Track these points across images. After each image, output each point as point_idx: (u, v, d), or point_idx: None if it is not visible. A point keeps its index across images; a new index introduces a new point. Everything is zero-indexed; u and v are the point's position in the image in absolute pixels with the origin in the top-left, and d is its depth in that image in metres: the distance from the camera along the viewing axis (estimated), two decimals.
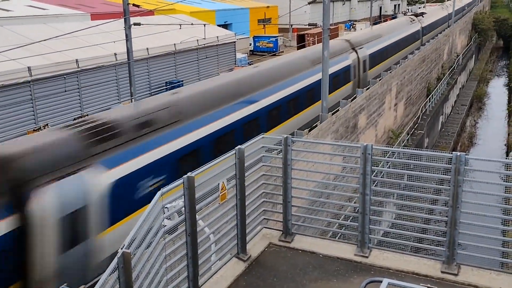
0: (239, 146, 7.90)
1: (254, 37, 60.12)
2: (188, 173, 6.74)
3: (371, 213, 8.28)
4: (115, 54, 30.69)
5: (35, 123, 25.54)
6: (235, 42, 45.10)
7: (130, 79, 25.24)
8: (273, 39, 58.89)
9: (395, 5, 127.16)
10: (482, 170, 7.95)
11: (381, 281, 6.28)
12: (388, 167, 9.32)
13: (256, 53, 58.18)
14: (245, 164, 8.01)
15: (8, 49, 19.61)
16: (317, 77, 21.46)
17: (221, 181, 7.59)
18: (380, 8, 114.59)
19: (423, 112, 35.24)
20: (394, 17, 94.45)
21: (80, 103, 28.46)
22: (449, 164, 7.57)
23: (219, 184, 7.55)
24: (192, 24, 35.75)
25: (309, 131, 17.28)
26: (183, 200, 6.80)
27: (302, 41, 58.18)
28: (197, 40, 37.94)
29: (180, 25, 32.33)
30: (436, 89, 39.87)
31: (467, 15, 74.23)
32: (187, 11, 52.53)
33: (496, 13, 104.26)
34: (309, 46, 54.00)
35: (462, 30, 63.32)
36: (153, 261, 6.11)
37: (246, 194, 8.15)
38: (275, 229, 9.28)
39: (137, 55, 30.42)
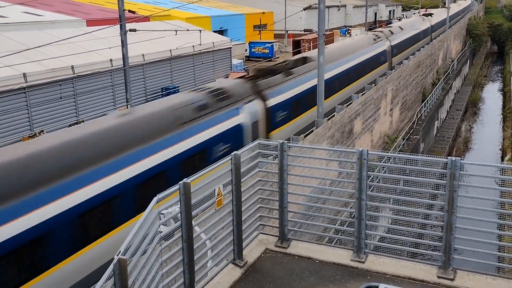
0: (235, 152, 7.90)
1: (250, 43, 60.25)
2: (184, 179, 6.74)
3: (367, 218, 8.29)
4: (111, 60, 30.67)
5: (30, 129, 25.47)
6: (230, 48, 45.17)
7: (126, 85, 25.24)
8: (269, 45, 59.04)
9: (390, 11, 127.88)
10: (478, 175, 7.97)
11: (377, 287, 6.30)
12: (384, 172, 9.34)
13: (252, 59, 58.29)
14: (241, 170, 8.00)
15: (3, 55, 19.57)
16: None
17: (217, 187, 7.58)
18: (375, 13, 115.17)
19: (418, 117, 35.36)
20: (389, 22, 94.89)
21: (75, 109, 28.40)
22: (444, 169, 7.59)
23: (215, 190, 7.54)
24: (187, 30, 35.80)
25: (305, 137, 17.31)
26: (179, 206, 6.79)
27: (297, 47, 58.33)
28: (193, 46, 37.99)
29: (175, 31, 32.36)
30: (431, 94, 40.03)
31: (466, 16, 79.60)
32: (183, 17, 52.64)
33: (490, 18, 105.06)
34: (304, 51, 54.23)
35: (456, 35, 63.69)
36: (149, 267, 6.08)
37: (242, 199, 8.15)
38: (271, 234, 9.27)
39: (133, 61, 30.42)
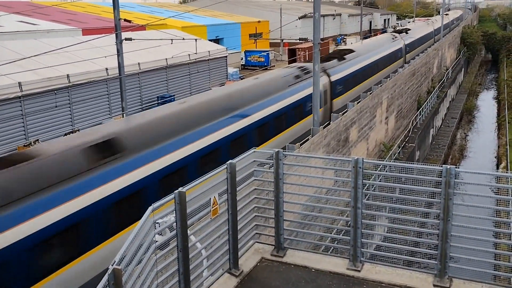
0: (230, 161, 7.89)
1: (246, 52, 60.45)
2: (180, 188, 6.72)
3: (363, 226, 8.28)
4: (107, 69, 30.69)
5: (25, 138, 25.39)
6: (226, 56, 45.30)
7: (122, 94, 25.22)
8: (265, 53, 59.23)
9: (385, 20, 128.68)
10: (473, 183, 7.99)
11: None
12: (379, 181, 9.36)
13: (248, 67, 58.45)
14: (237, 179, 7.99)
15: None
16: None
17: (213, 195, 7.57)
18: (370, 22, 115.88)
19: (414, 125, 35.47)
20: (384, 31, 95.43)
21: (71, 118, 28.36)
22: (439, 177, 7.61)
23: (210, 198, 7.52)
24: (183, 39, 35.87)
25: (300, 145, 17.32)
26: (174, 215, 6.76)
27: (293, 55, 58.57)
28: (189, 55, 38.08)
29: (171, 40, 32.44)
30: (426, 102, 40.19)
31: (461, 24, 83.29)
32: (179, 26, 52.82)
33: (484, 27, 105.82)
34: (300, 60, 54.46)
35: (451, 44, 64.11)
36: (144, 277, 6.05)
37: (238, 208, 8.13)
38: (267, 243, 9.24)
39: (128, 70, 30.45)
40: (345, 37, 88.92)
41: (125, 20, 25.44)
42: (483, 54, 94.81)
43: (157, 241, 6.54)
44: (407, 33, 53.11)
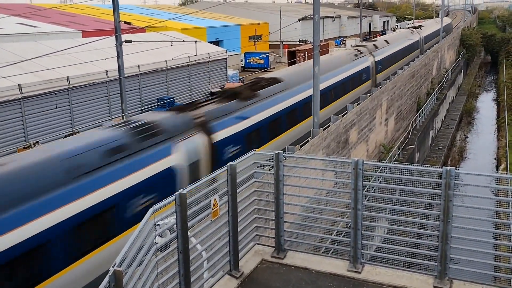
0: (230, 163, 7.91)
1: (245, 54, 60.50)
2: (180, 190, 6.73)
3: (363, 228, 8.29)
4: (106, 71, 30.72)
5: (25, 140, 25.40)
6: (226, 58, 45.34)
7: (122, 95, 25.26)
8: (264, 55, 59.28)
9: (384, 22, 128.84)
10: (473, 185, 8.00)
11: None
12: (379, 182, 9.36)
13: (247, 69, 58.48)
14: (237, 180, 8.01)
15: None
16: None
17: (213, 197, 7.58)
18: (370, 24, 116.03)
19: (413, 127, 35.48)
20: (383, 33, 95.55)
21: (71, 120, 28.38)
22: (439, 178, 7.62)
23: (211, 200, 7.53)
24: (183, 41, 35.93)
25: (300, 147, 17.33)
26: (175, 217, 6.77)
27: (293, 57, 58.61)
28: (189, 57, 38.10)
29: (171, 42, 32.48)
30: (426, 104, 40.23)
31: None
32: (179, 28, 52.86)
33: (483, 29, 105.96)
34: (300, 62, 54.49)
35: (450, 45, 64.18)
36: (145, 279, 6.06)
37: (238, 210, 8.14)
38: (267, 245, 9.25)
39: (128, 71, 30.48)
40: (344, 39, 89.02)
41: (125, 22, 25.48)
42: (482, 56, 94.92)
43: (157, 243, 6.55)
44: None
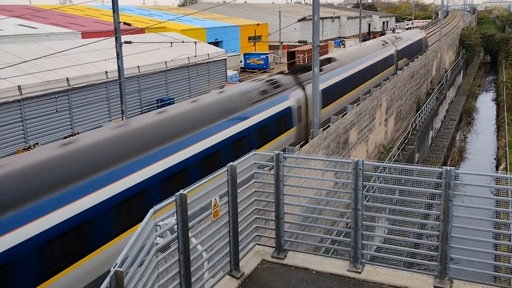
0: (231, 163, 7.91)
1: (245, 54, 60.53)
2: (181, 191, 6.74)
3: (363, 228, 8.30)
4: (106, 72, 30.72)
5: (25, 141, 25.40)
6: (226, 59, 45.36)
7: (121, 97, 25.26)
8: (264, 56, 59.32)
9: (384, 22, 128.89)
10: (473, 184, 8.01)
11: None
12: (379, 182, 9.38)
13: (247, 70, 58.51)
14: (237, 181, 8.01)
15: None
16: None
17: (214, 198, 7.58)
18: (369, 25, 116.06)
19: (413, 127, 35.50)
20: (382, 33, 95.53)
21: (71, 121, 28.38)
22: (439, 178, 7.63)
23: (211, 201, 7.54)
24: (183, 42, 35.94)
25: (300, 147, 17.34)
26: (175, 218, 6.78)
27: (292, 58, 58.62)
28: (188, 58, 38.12)
29: (171, 43, 32.48)
30: (425, 104, 40.25)
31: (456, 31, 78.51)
32: (178, 29, 52.88)
33: (482, 29, 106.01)
34: (299, 63, 54.50)
35: (450, 46, 64.21)
36: (145, 279, 6.06)
37: (238, 210, 8.14)
38: (268, 245, 9.25)
39: (128, 73, 30.48)
40: (344, 39, 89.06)
41: (125, 23, 25.49)
42: (482, 56, 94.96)
43: (158, 243, 6.56)
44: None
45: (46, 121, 26.92)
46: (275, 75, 24.56)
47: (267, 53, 60.98)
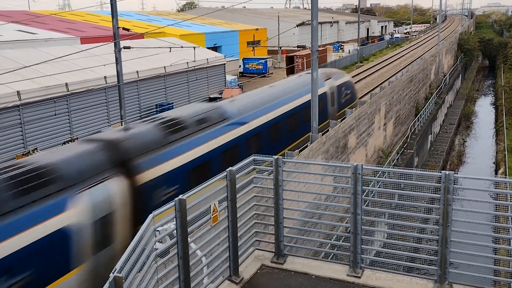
0: (230, 168, 7.92)
1: (244, 59, 60.63)
2: (180, 196, 6.74)
3: (363, 233, 8.29)
4: (105, 77, 30.75)
5: (24, 147, 25.38)
6: (225, 64, 45.44)
7: (120, 102, 25.26)
8: (263, 61, 59.43)
9: (382, 27, 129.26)
10: (472, 189, 8.01)
11: None
12: (378, 187, 9.38)
13: (246, 74, 58.60)
14: (237, 186, 8.01)
15: None
16: None
17: (213, 203, 7.58)
18: (368, 29, 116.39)
19: (412, 131, 35.53)
20: (381, 38, 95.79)
21: (69, 126, 28.38)
22: (438, 183, 7.63)
23: (210, 206, 7.54)
24: (182, 46, 36.00)
25: (299, 152, 17.34)
26: (174, 223, 6.77)
27: (291, 63, 58.74)
28: (187, 63, 38.17)
29: (170, 48, 32.55)
30: (424, 108, 40.30)
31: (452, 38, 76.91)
32: (177, 34, 52.97)
33: (481, 33, 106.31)
34: (298, 67, 54.55)
35: (448, 50, 64.36)
36: (145, 285, 6.05)
37: (238, 215, 8.14)
38: (267, 250, 9.24)
39: (127, 78, 30.51)
40: (342, 44, 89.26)
41: (124, 29, 25.53)
42: (480, 60, 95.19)
43: (157, 249, 6.55)
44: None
45: (45, 126, 26.92)
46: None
47: (266, 58, 61.09)
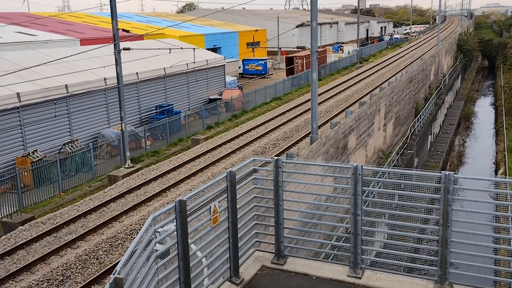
0: (230, 169, 7.92)
1: (243, 60, 60.66)
2: (180, 197, 6.73)
3: (363, 233, 8.29)
4: (105, 79, 30.77)
5: (24, 148, 25.40)
6: (224, 65, 45.46)
7: (120, 103, 25.28)
8: (262, 62, 59.45)
9: (382, 27, 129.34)
10: (472, 189, 8.02)
11: None
12: (378, 187, 9.38)
13: (246, 75, 58.61)
14: (237, 187, 8.01)
15: None
16: None
17: (213, 204, 7.58)
18: (367, 30, 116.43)
19: (412, 132, 35.54)
20: (380, 39, 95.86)
21: (69, 128, 28.39)
22: (438, 183, 7.63)
23: (210, 207, 7.54)
24: (181, 48, 36.03)
25: (299, 153, 17.35)
26: (175, 224, 6.77)
27: (291, 64, 58.78)
28: (187, 64, 38.19)
29: (169, 49, 32.57)
30: (424, 109, 40.30)
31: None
32: (177, 35, 52.99)
33: (480, 34, 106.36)
34: (297, 68, 54.58)
35: (448, 51, 64.38)
36: (145, 286, 6.05)
37: (238, 216, 8.14)
38: (267, 251, 9.24)
39: (127, 79, 30.53)
40: (342, 45, 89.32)
41: (123, 30, 25.55)
42: (479, 60, 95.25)
43: (157, 250, 6.55)
44: None
45: (45, 128, 26.93)
46: None
47: (266, 59, 61.12)
